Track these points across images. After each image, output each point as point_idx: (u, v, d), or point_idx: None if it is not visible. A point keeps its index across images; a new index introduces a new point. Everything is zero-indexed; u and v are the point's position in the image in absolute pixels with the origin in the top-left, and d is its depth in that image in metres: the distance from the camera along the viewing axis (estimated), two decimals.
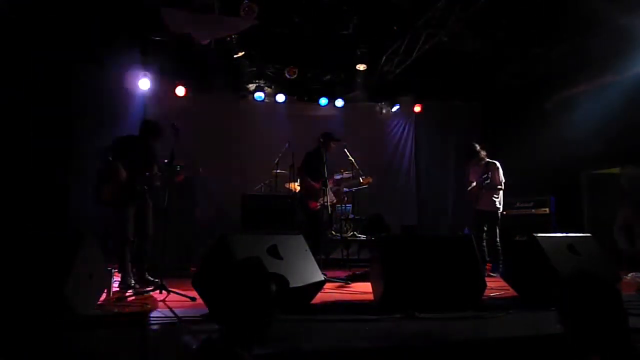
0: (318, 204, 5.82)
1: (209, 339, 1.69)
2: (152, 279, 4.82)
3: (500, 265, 6.02)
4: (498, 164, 6.26)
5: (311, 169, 5.87)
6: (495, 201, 6.17)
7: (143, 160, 4.85)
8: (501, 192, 6.23)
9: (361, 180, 6.72)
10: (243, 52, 7.58)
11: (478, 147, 6.38)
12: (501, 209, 6.23)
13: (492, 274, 5.76)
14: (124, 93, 7.95)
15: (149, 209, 4.90)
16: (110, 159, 4.68)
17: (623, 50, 6.84)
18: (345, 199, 7.60)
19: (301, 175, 6.05)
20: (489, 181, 6.07)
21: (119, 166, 4.63)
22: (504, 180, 6.24)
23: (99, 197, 4.67)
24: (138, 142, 4.91)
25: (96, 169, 4.72)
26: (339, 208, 7.53)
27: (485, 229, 6.17)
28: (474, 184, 6.33)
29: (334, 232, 7.19)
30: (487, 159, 6.36)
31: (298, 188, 6.76)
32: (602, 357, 1.52)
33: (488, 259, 6.10)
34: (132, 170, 4.72)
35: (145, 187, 4.87)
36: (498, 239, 6.12)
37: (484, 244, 6.07)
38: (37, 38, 6.79)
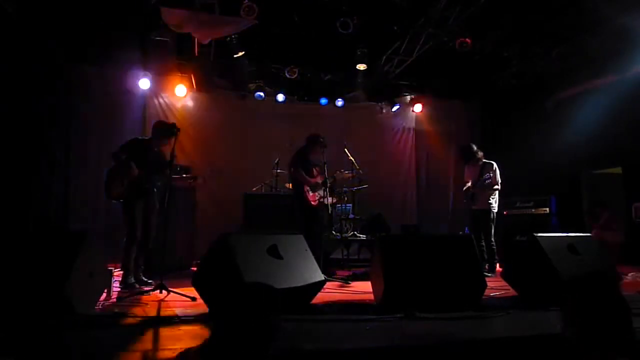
0: (316, 197, 5.74)
1: (187, 352, 1.70)
2: (146, 279, 4.86)
3: (496, 265, 6.03)
4: (495, 165, 6.27)
5: (301, 165, 5.82)
6: (491, 201, 6.18)
7: (154, 162, 4.91)
8: (497, 192, 6.24)
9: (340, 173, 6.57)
10: (243, 52, 7.57)
11: (475, 148, 6.39)
12: (496, 209, 6.24)
13: (487, 274, 5.72)
14: (124, 93, 7.95)
15: (155, 210, 4.96)
16: (124, 157, 4.74)
17: (623, 50, 6.84)
18: (345, 198, 7.60)
19: (293, 170, 5.81)
20: (490, 180, 6.08)
21: (132, 164, 4.70)
22: (500, 181, 6.26)
23: (109, 193, 4.73)
24: (149, 144, 4.99)
25: (108, 168, 4.76)
26: (339, 208, 7.54)
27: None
28: (469, 183, 6.34)
29: (334, 232, 7.18)
30: (484, 160, 6.37)
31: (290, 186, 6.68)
32: (607, 354, 1.53)
33: (485, 257, 6.10)
34: (143, 170, 4.79)
35: (155, 188, 4.93)
36: (493, 239, 6.12)
37: (482, 243, 6.08)
38: (38, 38, 6.80)
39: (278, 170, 7.58)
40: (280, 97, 8.94)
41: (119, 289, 4.53)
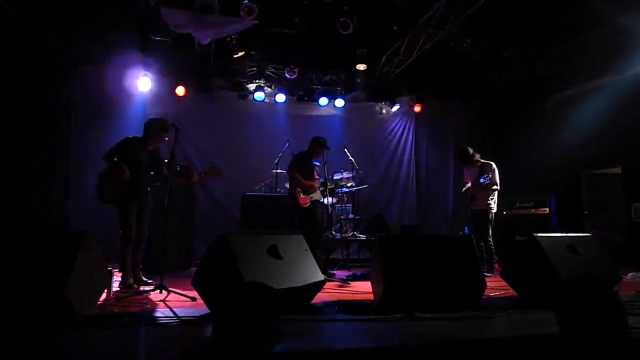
0: (307, 199, 5.80)
1: (187, 352, 1.70)
2: (145, 279, 4.85)
3: (495, 265, 6.03)
4: (494, 165, 6.27)
5: (300, 168, 5.88)
6: (490, 202, 6.18)
7: (147, 162, 4.88)
8: (496, 192, 6.25)
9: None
10: (243, 52, 7.58)
11: (471, 151, 6.38)
12: (495, 209, 6.24)
13: (486, 274, 5.68)
14: (124, 93, 7.95)
15: (149, 211, 4.93)
16: (116, 159, 4.69)
17: (623, 50, 6.85)
18: (345, 198, 7.60)
19: (291, 172, 5.94)
20: (489, 181, 6.08)
21: (124, 166, 4.64)
22: (498, 181, 6.27)
23: (102, 196, 4.69)
24: (143, 143, 4.93)
25: (100, 170, 4.74)
26: (339, 208, 7.54)
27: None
28: (469, 184, 6.34)
29: (334, 232, 7.18)
30: (482, 160, 6.36)
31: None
32: (604, 354, 1.53)
33: (484, 257, 6.10)
34: (137, 171, 4.75)
35: (149, 188, 4.90)
36: (491, 239, 6.12)
37: (482, 243, 6.08)
38: (38, 38, 6.80)
39: (278, 171, 7.58)
40: (280, 97, 8.94)
41: (118, 289, 4.53)
